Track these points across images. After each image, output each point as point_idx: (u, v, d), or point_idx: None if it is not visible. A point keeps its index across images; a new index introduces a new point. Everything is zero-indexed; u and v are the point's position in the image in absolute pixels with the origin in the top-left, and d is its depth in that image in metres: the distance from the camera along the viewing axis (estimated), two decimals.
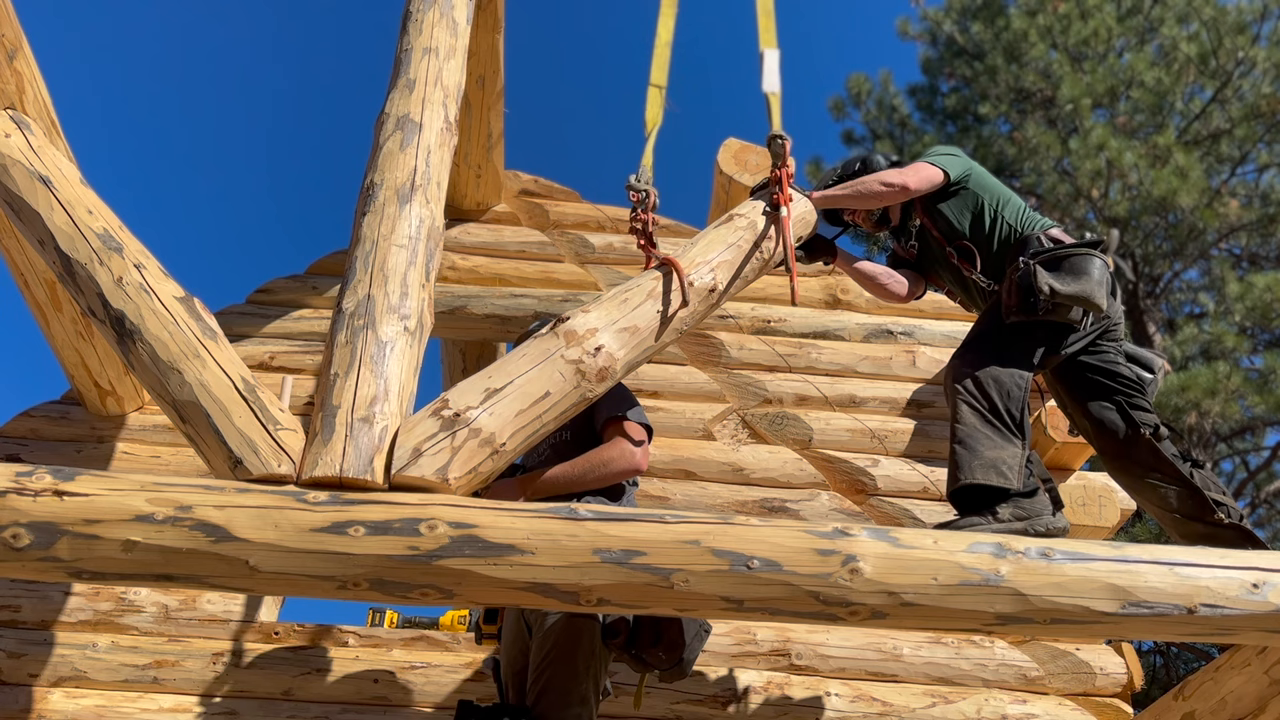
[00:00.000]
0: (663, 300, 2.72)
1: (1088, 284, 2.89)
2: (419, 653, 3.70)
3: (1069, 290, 2.87)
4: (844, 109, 14.39)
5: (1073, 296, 2.87)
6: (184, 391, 2.42)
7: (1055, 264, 2.96)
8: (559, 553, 2.10)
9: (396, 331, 2.45)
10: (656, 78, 3.41)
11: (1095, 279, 2.91)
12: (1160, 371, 3.17)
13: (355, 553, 2.07)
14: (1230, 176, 12.46)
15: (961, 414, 2.87)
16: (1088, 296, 2.87)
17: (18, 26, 3.22)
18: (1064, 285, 2.88)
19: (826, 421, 4.30)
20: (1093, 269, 2.93)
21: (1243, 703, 2.76)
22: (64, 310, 3.83)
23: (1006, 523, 2.67)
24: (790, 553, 2.12)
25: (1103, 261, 2.96)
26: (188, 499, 2.09)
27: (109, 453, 4.10)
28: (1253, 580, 2.18)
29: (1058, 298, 2.87)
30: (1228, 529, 2.80)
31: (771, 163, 3.11)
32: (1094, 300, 2.88)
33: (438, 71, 2.98)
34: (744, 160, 4.57)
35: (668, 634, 2.75)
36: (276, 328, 4.46)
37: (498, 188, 4.84)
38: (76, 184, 2.99)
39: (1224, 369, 10.14)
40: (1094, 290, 2.89)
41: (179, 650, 3.64)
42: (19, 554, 2.04)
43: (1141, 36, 12.92)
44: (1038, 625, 2.16)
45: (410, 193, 2.68)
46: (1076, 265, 2.95)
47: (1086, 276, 2.91)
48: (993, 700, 3.66)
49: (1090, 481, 4.04)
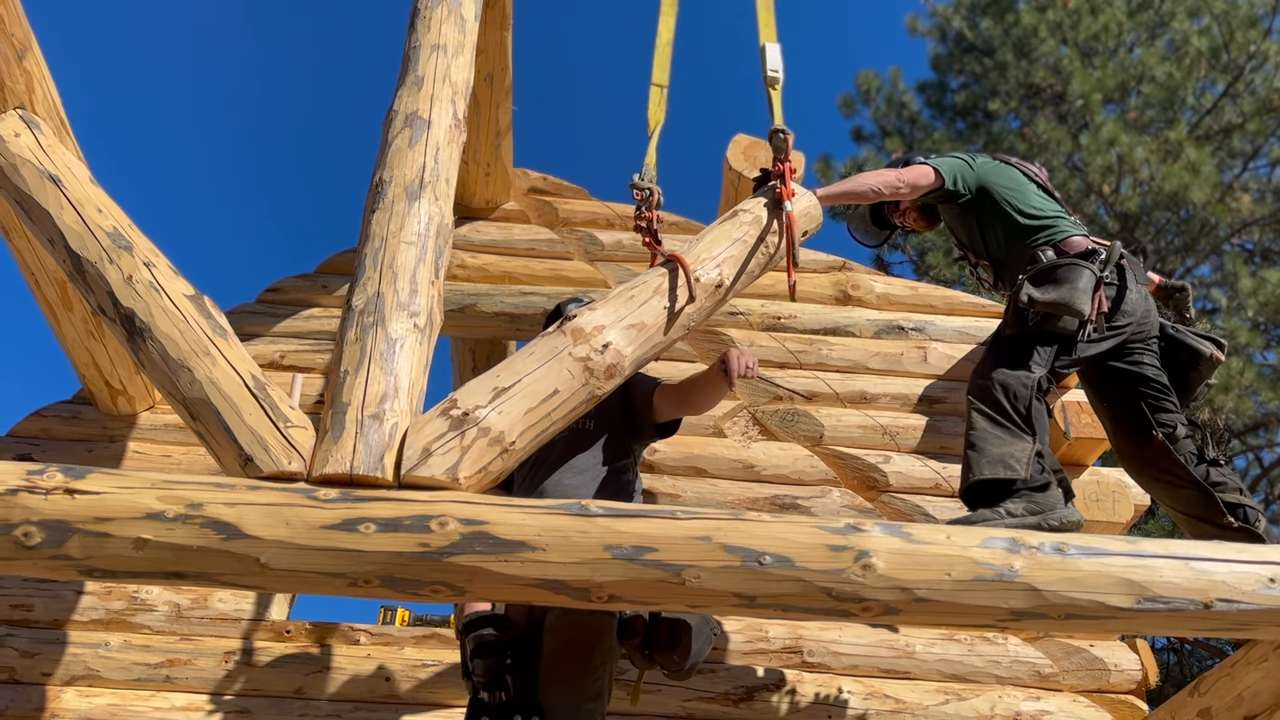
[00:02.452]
0: (669, 296, 2.71)
1: (1067, 291, 2.95)
2: (430, 651, 3.70)
3: (1048, 298, 2.95)
4: (853, 106, 14.35)
5: (1051, 304, 2.94)
6: (194, 389, 2.42)
7: (1046, 275, 3.03)
8: (570, 549, 2.09)
9: (406, 328, 2.44)
10: (658, 77, 3.41)
11: (1079, 287, 2.97)
12: (1209, 357, 3.16)
13: (366, 550, 2.07)
14: (1242, 171, 12.38)
15: (973, 420, 2.94)
16: (1066, 303, 2.93)
17: (27, 26, 3.23)
18: (1044, 294, 2.96)
19: (838, 418, 4.28)
20: (1077, 278, 2.99)
21: (1259, 699, 2.73)
22: (75, 310, 3.84)
23: (1020, 517, 2.67)
24: (802, 549, 2.11)
25: (1090, 271, 3.01)
26: (198, 496, 2.09)
27: (120, 452, 4.11)
28: (1270, 575, 2.16)
29: (1036, 306, 2.94)
30: (1237, 534, 2.81)
31: (773, 157, 3.10)
32: (1074, 306, 2.94)
33: (446, 68, 2.97)
34: (753, 156, 4.56)
35: (684, 638, 2.74)
36: (287, 327, 4.47)
37: (506, 185, 4.83)
38: (86, 183, 2.99)
39: (1237, 365, 10.08)
40: (1073, 297, 2.94)
41: (191, 649, 3.64)
42: (31, 552, 2.04)
43: (1152, 31, 12.85)
44: (1052, 621, 2.15)
45: (419, 190, 2.67)
46: (1062, 275, 3.01)
47: (1069, 284, 2.97)
48: (1006, 697, 3.64)
49: (1104, 477, 4.02)
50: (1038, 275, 3.03)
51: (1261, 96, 12.00)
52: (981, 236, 3.30)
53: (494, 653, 2.71)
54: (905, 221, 3.53)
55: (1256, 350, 11.05)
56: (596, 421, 2.86)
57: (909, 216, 3.50)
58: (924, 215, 3.52)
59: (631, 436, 3.05)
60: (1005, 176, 3.33)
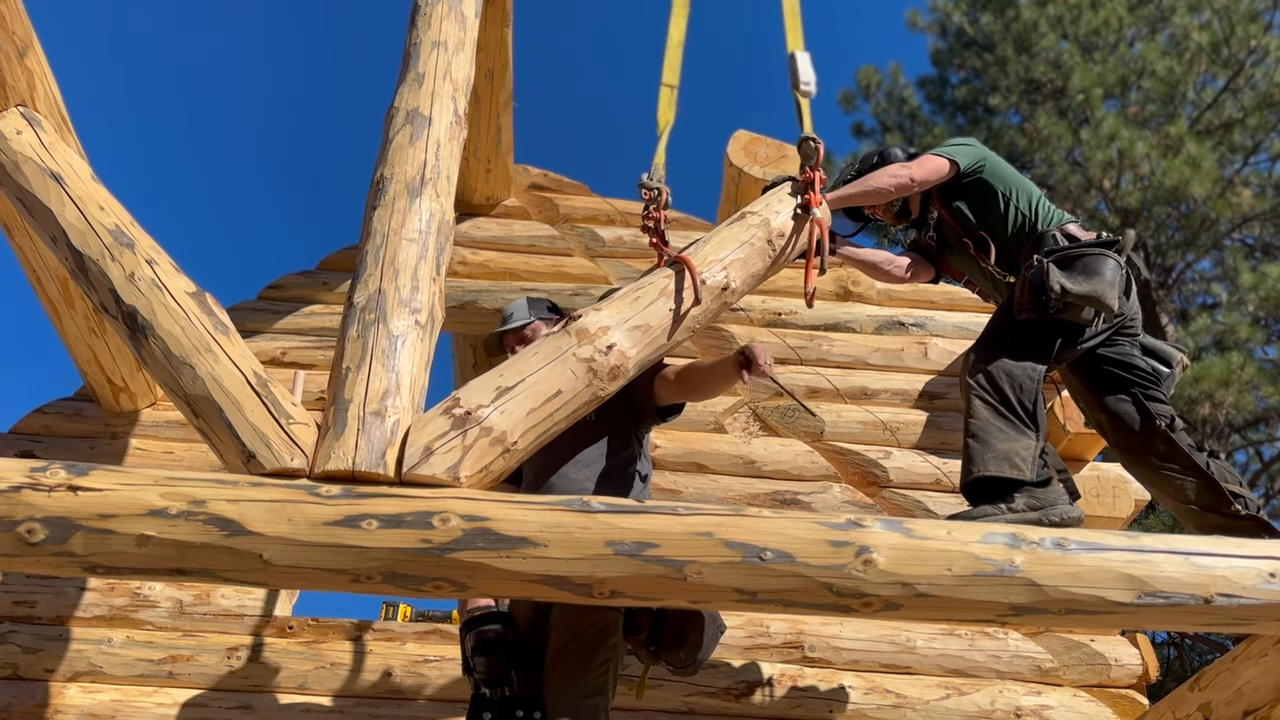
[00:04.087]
0: (675, 298, 2.71)
1: (1099, 284, 2.88)
2: (432, 646, 3.71)
3: (1080, 290, 2.87)
4: (853, 101, 14.36)
5: (1084, 296, 2.87)
6: (196, 386, 2.42)
7: (1068, 262, 2.96)
8: (572, 545, 2.10)
9: (407, 325, 2.44)
10: (668, 77, 3.40)
11: (1107, 279, 2.90)
12: (1178, 365, 3.15)
13: (368, 546, 2.07)
14: (1243, 166, 12.38)
15: (974, 408, 2.87)
16: (1099, 297, 2.87)
17: (28, 24, 3.23)
18: (1076, 285, 2.88)
19: (838, 414, 4.29)
20: (1105, 269, 2.92)
21: (1259, 693, 2.74)
22: (76, 307, 3.84)
23: (1020, 512, 2.67)
24: (803, 544, 2.12)
25: (1116, 262, 2.96)
26: (201, 493, 2.09)
27: (122, 449, 4.12)
28: (1270, 570, 2.17)
29: (1069, 297, 2.87)
30: (1245, 520, 2.78)
31: (801, 164, 3.10)
32: (1105, 301, 2.87)
33: (447, 65, 2.97)
34: (754, 152, 4.56)
35: (690, 634, 2.74)
36: (288, 324, 4.47)
37: (507, 182, 4.84)
38: (88, 180, 2.99)
39: (1237, 360, 10.09)
40: (1105, 291, 2.88)
41: (194, 645, 3.65)
42: (34, 549, 2.05)
43: (1153, 26, 12.85)
44: (1053, 616, 2.15)
45: (420, 187, 2.67)
46: (1090, 265, 2.94)
47: (1099, 277, 2.90)
48: (1007, 692, 3.65)
49: (1104, 473, 4.03)
50: (1062, 260, 2.95)
51: (1262, 91, 12.00)
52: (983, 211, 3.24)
53: (495, 650, 2.71)
54: (876, 214, 3.51)
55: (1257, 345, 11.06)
56: (598, 413, 2.86)
57: (879, 209, 3.47)
58: (890, 209, 3.48)
59: (634, 422, 3.04)
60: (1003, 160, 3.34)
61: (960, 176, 3.24)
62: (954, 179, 3.25)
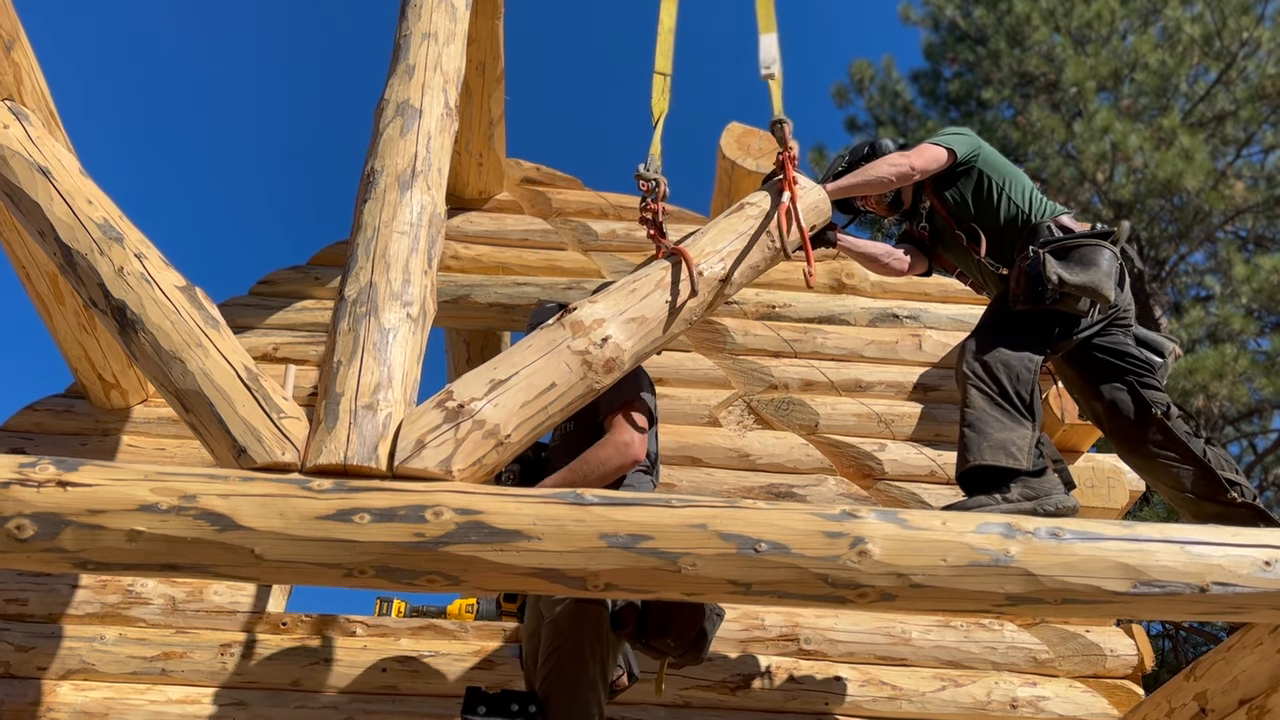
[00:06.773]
0: (671, 290, 2.69)
1: (1096, 275, 2.88)
2: (427, 641, 3.70)
3: (1077, 281, 2.87)
4: (847, 95, 14.33)
5: (1081, 287, 2.87)
6: (187, 381, 2.41)
7: (1064, 253, 2.95)
8: (565, 538, 2.09)
9: (399, 318, 2.43)
10: (661, 65, 3.38)
11: (1104, 270, 2.90)
12: (1170, 356, 3.15)
13: (361, 540, 2.06)
14: (1236, 158, 12.38)
15: (971, 398, 2.87)
16: (1096, 288, 2.87)
17: (15, 17, 3.21)
18: (1072, 275, 2.87)
19: (833, 406, 4.28)
20: (1101, 260, 2.92)
21: (1255, 682, 2.74)
22: (66, 303, 3.82)
23: (1015, 502, 2.66)
24: (798, 535, 2.11)
25: (1112, 252, 2.96)
26: (192, 488, 2.08)
27: (114, 446, 4.10)
28: (1265, 558, 2.16)
29: (1066, 288, 2.87)
30: (1241, 508, 2.78)
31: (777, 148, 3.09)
32: (1102, 292, 2.87)
33: (437, 57, 2.96)
34: (747, 145, 4.55)
35: (675, 622, 2.74)
36: (280, 319, 4.46)
37: (499, 176, 4.82)
38: (76, 174, 2.98)
39: (1231, 352, 10.10)
40: (1102, 281, 2.88)
41: (187, 642, 3.64)
42: (24, 545, 2.04)
43: (1145, 18, 12.84)
44: (1048, 606, 2.15)
45: (411, 179, 2.66)
46: (1086, 256, 2.94)
47: (1095, 267, 2.90)
48: (1003, 683, 3.65)
49: (1099, 463, 4.03)
50: (1058, 251, 2.94)
51: (1254, 83, 12.00)
52: (976, 201, 3.23)
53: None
54: (868, 206, 3.50)
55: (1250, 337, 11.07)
56: (576, 422, 2.83)
57: (871, 201, 3.46)
58: (883, 201, 3.47)
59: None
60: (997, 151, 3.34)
61: (955, 165, 3.24)
62: (948, 168, 3.24)
